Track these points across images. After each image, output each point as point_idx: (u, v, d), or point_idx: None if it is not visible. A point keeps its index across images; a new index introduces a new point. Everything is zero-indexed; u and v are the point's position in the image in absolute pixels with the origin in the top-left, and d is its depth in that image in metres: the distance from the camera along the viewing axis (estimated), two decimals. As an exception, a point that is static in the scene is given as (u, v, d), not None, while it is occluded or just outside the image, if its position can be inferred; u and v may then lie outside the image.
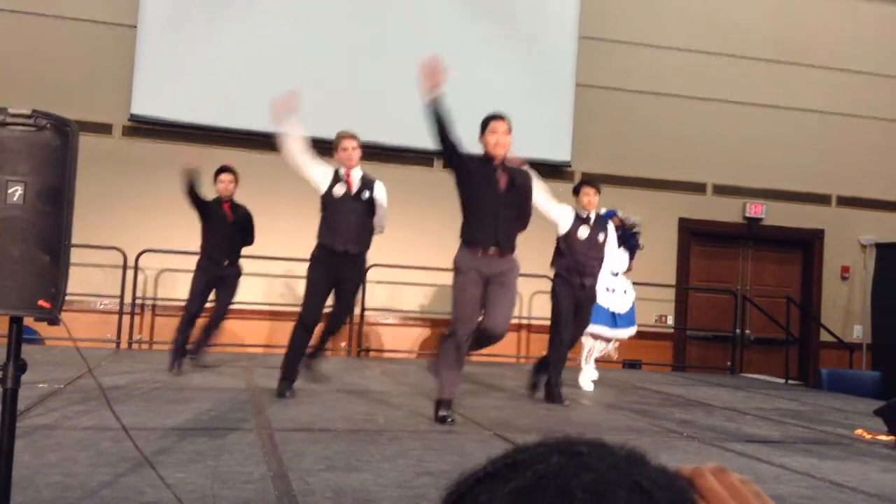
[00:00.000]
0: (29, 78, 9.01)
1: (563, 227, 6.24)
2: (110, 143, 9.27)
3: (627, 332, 7.23)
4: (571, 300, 6.18)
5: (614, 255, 6.97)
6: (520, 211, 5.05)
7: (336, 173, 5.73)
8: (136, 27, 9.28)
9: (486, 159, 4.98)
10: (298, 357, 5.77)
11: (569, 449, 0.56)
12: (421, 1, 10.04)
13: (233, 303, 6.95)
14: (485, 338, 5.01)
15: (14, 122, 2.31)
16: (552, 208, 6.19)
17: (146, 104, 9.27)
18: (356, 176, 5.77)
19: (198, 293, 6.76)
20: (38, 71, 9.12)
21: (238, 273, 6.91)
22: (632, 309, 7.25)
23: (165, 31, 9.32)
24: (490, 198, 4.92)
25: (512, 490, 0.53)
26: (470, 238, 4.96)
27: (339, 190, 5.66)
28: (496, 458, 0.57)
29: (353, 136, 5.78)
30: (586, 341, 7.20)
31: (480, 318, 4.99)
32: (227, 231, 6.76)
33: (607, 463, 0.55)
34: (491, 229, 4.91)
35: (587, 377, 7.26)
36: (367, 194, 5.75)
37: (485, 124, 5.02)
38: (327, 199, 5.68)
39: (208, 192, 6.79)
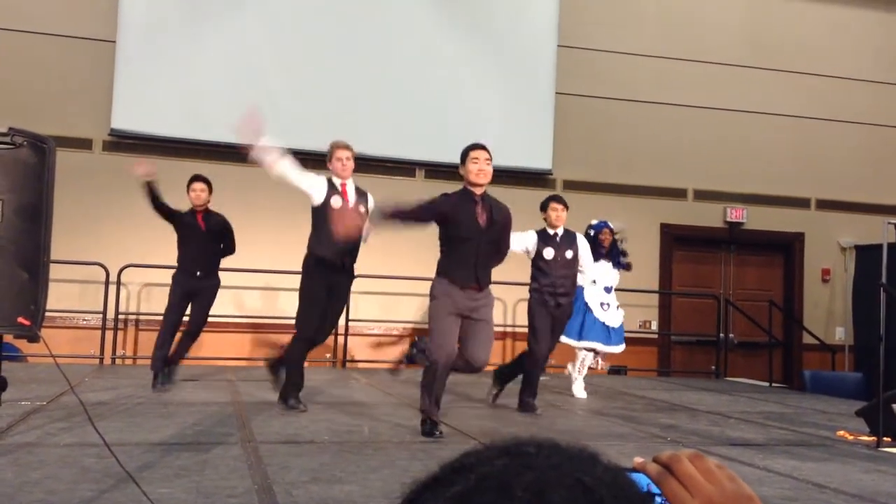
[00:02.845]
0: (8, 95, 8.96)
1: (532, 250, 6.28)
2: (91, 159, 9.23)
3: (619, 348, 7.27)
4: (548, 318, 6.20)
5: (600, 270, 7.03)
6: (499, 245, 5.06)
7: (330, 184, 5.71)
8: (115, 42, 9.25)
9: (466, 192, 4.96)
10: (300, 370, 5.74)
11: (516, 450, 0.57)
12: (400, 13, 10.08)
13: (209, 315, 6.76)
14: (466, 369, 5.05)
15: (-9, 140, 2.32)
16: (515, 241, 6.17)
17: (126, 119, 9.25)
18: (350, 187, 5.77)
19: (174, 305, 6.60)
20: (18, 87, 9.08)
21: (215, 285, 6.74)
22: (621, 325, 7.30)
23: (144, 45, 9.31)
24: (472, 234, 4.90)
25: (454, 493, 0.53)
26: (450, 274, 4.92)
27: (336, 202, 5.63)
28: (446, 463, 0.58)
29: (347, 147, 5.76)
30: (580, 353, 7.25)
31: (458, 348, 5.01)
32: (200, 241, 6.59)
33: (552, 462, 0.55)
34: (471, 266, 4.90)
35: (580, 386, 7.30)
36: (362, 208, 5.73)
37: (465, 154, 4.99)
38: (324, 211, 5.62)
39: (183, 204, 6.71)
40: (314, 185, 5.65)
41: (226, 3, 9.56)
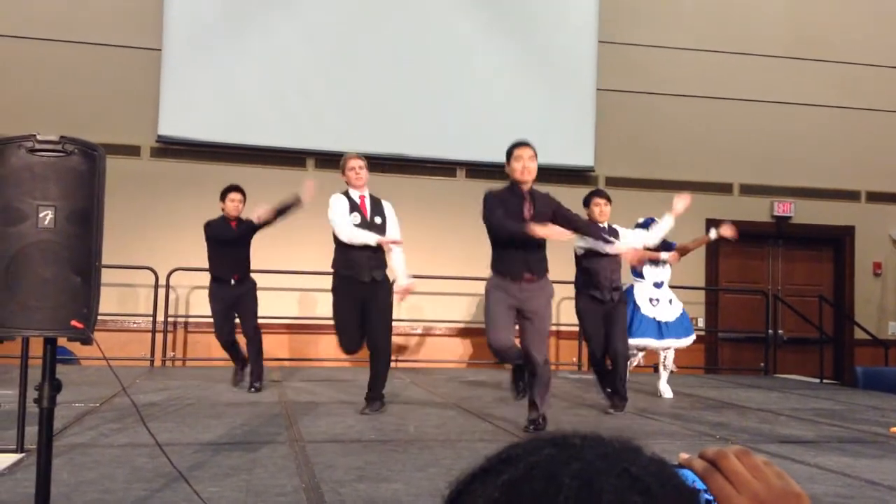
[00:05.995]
0: (59, 103, 9.19)
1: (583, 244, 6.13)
2: (139, 165, 9.42)
3: (682, 342, 7.09)
4: (598, 315, 6.10)
5: (648, 266, 6.95)
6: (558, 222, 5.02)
7: (350, 202, 5.74)
8: (160, 51, 9.43)
9: (513, 187, 5.04)
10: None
11: (562, 441, 0.58)
12: (439, 13, 10.10)
13: (258, 319, 6.76)
14: (531, 370, 5.04)
15: (43, 148, 2.38)
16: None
17: (172, 125, 9.42)
18: (367, 199, 5.80)
19: (221, 320, 6.64)
20: (68, 96, 9.30)
21: (252, 287, 6.75)
22: (683, 316, 7.12)
23: (189, 54, 9.48)
24: None
25: (504, 482, 0.55)
26: (502, 270, 5.01)
27: (355, 219, 5.69)
28: (492, 454, 0.59)
29: (359, 157, 5.83)
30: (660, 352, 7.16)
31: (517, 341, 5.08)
32: (235, 246, 6.61)
33: (598, 453, 0.56)
34: (521, 260, 4.96)
35: (665, 384, 7.22)
36: (378, 220, 5.78)
37: (510, 152, 5.06)
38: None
39: (215, 212, 6.77)
40: (345, 215, 5.69)
41: (268, 11, 9.67)
